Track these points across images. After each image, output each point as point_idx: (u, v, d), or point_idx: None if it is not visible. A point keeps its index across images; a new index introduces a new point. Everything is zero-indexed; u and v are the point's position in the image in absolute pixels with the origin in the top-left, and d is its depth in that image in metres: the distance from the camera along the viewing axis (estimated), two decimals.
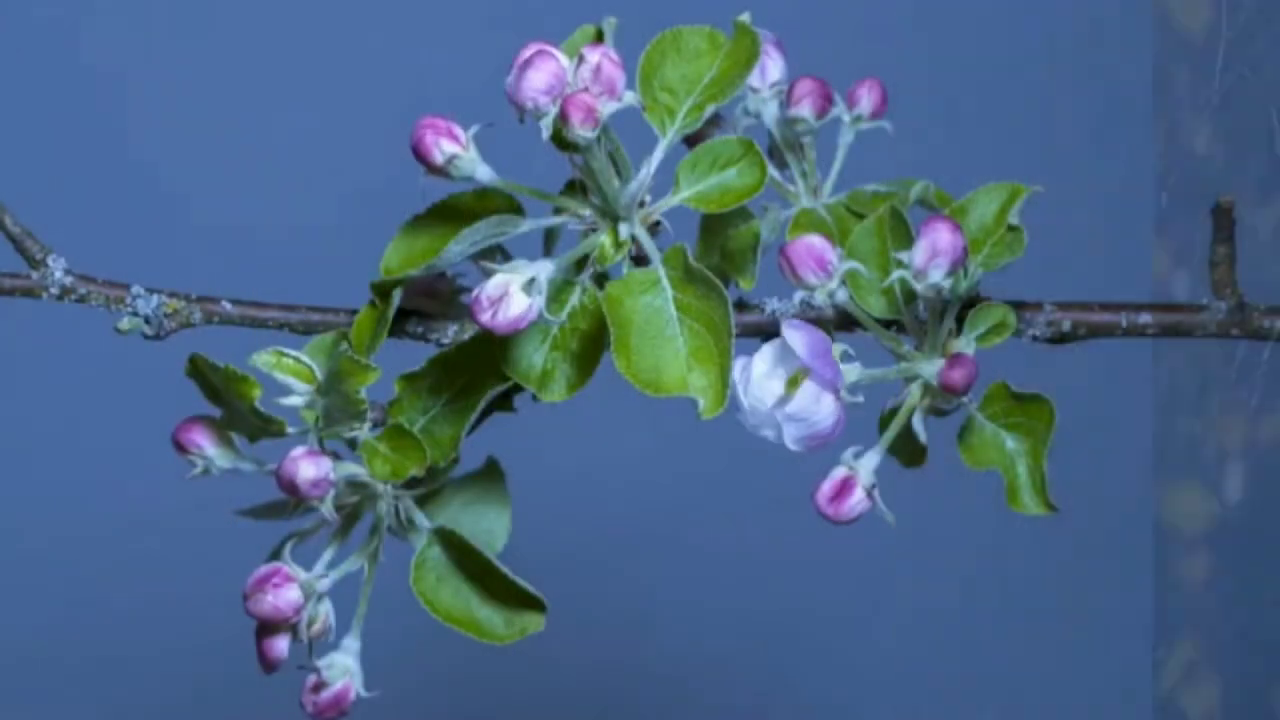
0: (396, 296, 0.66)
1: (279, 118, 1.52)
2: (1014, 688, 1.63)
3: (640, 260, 0.65)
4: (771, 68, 0.73)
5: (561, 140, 0.64)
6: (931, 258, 0.64)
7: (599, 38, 0.66)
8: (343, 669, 0.67)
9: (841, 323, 0.68)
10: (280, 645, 0.67)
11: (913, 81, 1.54)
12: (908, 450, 0.68)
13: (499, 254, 0.68)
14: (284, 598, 0.66)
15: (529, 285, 0.63)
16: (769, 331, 0.67)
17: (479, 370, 0.67)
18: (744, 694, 1.58)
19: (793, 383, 0.65)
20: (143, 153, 1.50)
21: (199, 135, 1.51)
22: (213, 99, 1.51)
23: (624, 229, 0.65)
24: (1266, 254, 1.54)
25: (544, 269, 0.64)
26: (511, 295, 0.63)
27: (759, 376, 0.64)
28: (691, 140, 0.67)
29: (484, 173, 0.65)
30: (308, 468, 0.64)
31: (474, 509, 0.70)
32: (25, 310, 0.73)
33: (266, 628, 0.67)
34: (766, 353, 0.64)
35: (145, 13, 1.50)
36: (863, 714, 1.61)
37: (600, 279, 0.66)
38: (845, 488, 0.65)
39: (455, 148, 0.64)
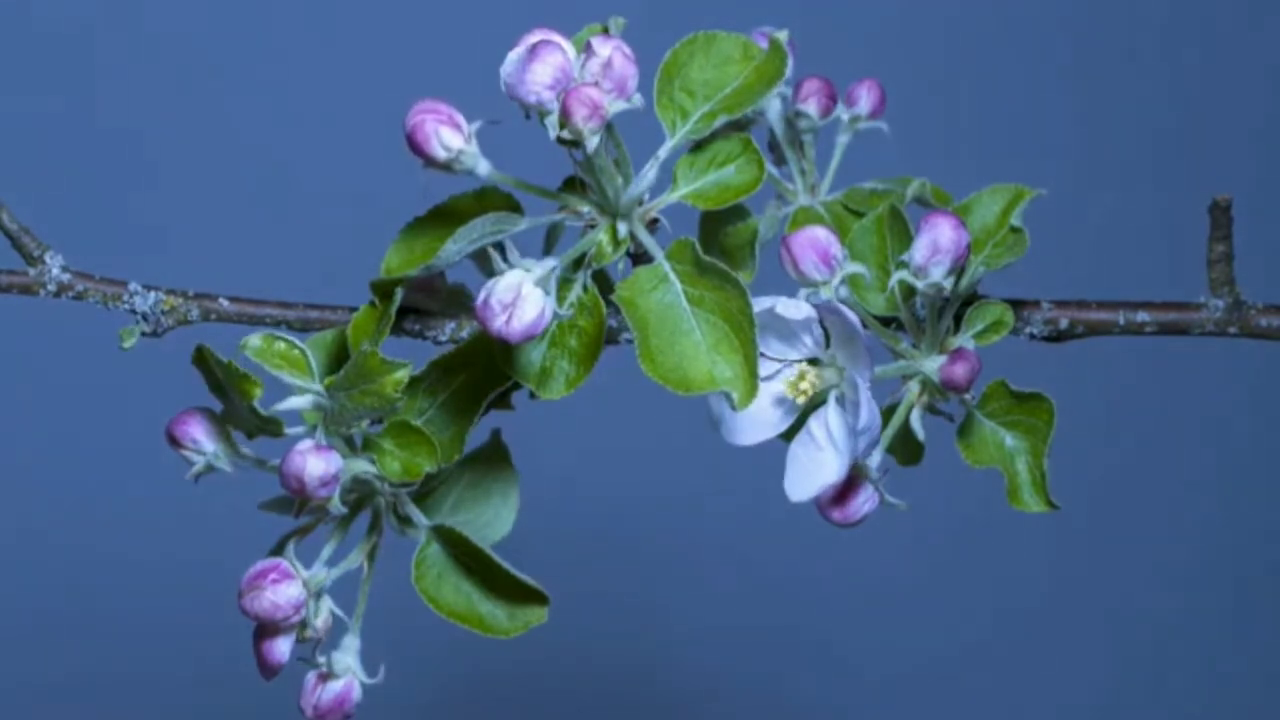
0: (398, 296, 0.65)
1: (278, 116, 1.52)
2: (1015, 688, 1.62)
3: (639, 258, 0.65)
4: None
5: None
6: (932, 254, 0.64)
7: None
8: (344, 668, 0.66)
9: None
10: (281, 647, 0.65)
11: (913, 81, 1.54)
12: (905, 448, 0.68)
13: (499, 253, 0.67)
14: (284, 594, 0.63)
15: (543, 281, 0.62)
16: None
17: (475, 369, 0.66)
18: (747, 685, 1.58)
19: (796, 384, 0.64)
20: (142, 150, 1.50)
21: (199, 133, 1.51)
22: (213, 97, 1.51)
23: (622, 226, 0.64)
24: None
25: (553, 266, 0.62)
26: (525, 296, 0.61)
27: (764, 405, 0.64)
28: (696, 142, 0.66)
29: (484, 168, 0.63)
30: (316, 464, 0.62)
31: (478, 490, 0.69)
32: (22, 307, 0.72)
33: (266, 629, 0.64)
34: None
35: (147, 12, 1.50)
36: (864, 705, 1.61)
37: (598, 276, 0.65)
38: (850, 485, 0.64)
39: (458, 139, 0.62)
